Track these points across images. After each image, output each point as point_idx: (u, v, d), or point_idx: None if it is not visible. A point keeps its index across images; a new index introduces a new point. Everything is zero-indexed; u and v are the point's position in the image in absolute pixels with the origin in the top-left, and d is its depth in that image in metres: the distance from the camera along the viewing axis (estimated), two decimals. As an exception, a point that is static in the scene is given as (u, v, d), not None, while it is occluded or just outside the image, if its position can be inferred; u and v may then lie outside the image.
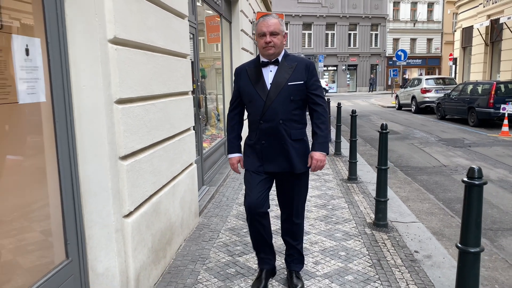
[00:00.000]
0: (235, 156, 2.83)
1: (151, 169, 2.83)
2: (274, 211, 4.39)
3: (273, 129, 2.60)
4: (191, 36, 4.78)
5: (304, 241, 3.63)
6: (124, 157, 2.43)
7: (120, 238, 2.41)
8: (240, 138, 2.87)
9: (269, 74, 2.64)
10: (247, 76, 2.69)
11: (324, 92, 20.93)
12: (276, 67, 2.63)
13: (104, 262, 2.37)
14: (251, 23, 9.49)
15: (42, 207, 2.20)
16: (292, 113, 2.60)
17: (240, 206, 4.74)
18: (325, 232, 3.89)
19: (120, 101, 2.37)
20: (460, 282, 2.11)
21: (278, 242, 3.54)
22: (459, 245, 2.09)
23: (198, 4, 5.41)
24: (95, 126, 2.24)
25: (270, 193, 2.78)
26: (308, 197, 5.02)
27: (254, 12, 9.88)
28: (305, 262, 3.23)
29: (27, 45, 1.90)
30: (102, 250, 2.36)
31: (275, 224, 3.88)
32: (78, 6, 2.16)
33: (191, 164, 3.94)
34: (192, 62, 4.42)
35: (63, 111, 2.15)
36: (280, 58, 2.65)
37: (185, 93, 3.73)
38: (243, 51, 7.99)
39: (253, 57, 9.85)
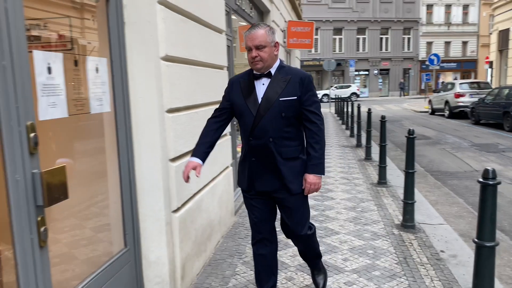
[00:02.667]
0: (193, 160, 2.44)
1: (195, 170, 3.16)
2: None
3: (263, 147, 2.42)
4: (227, 47, 5.12)
5: (333, 240, 3.88)
6: (173, 159, 2.76)
7: (169, 231, 2.74)
8: (210, 147, 2.53)
9: (261, 87, 2.44)
10: (240, 88, 2.49)
11: (355, 97, 20.85)
12: (269, 80, 2.43)
13: (156, 251, 2.71)
14: (282, 31, 9.79)
15: (104, 202, 2.56)
16: (283, 130, 2.40)
17: (273, 207, 5.01)
18: (354, 232, 4.10)
19: (170, 111, 2.71)
20: (477, 274, 2.31)
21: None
22: (476, 240, 2.29)
23: (233, 17, 5.75)
24: (149, 132, 2.58)
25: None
26: (338, 200, 5.24)
27: (285, 21, 10.18)
28: (334, 259, 3.47)
29: (97, 64, 2.27)
30: (154, 241, 2.70)
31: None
32: (136, 29, 2.52)
33: (227, 167, 4.26)
34: (228, 72, 4.76)
35: (123, 119, 2.50)
36: (273, 71, 2.44)
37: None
38: (274, 59, 8.28)
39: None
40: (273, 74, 2.43)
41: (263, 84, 2.44)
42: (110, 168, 2.54)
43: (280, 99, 2.38)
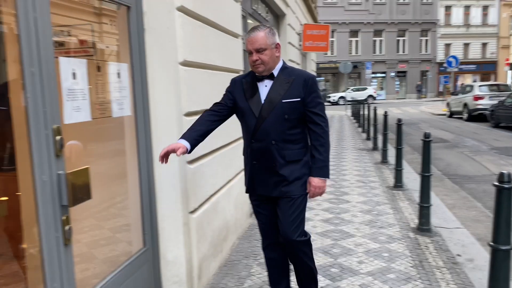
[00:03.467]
0: (179, 141, 2.28)
1: (211, 172, 3.22)
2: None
3: (264, 150, 2.37)
4: (243, 51, 5.19)
5: (348, 243, 3.89)
6: (191, 161, 2.83)
7: (187, 231, 2.80)
8: (202, 137, 2.40)
9: (264, 89, 2.40)
10: (242, 89, 2.45)
11: (372, 100, 20.65)
12: (272, 81, 2.39)
13: (173, 251, 2.78)
14: (298, 35, 9.83)
15: (125, 202, 2.64)
16: (286, 133, 2.36)
17: (288, 209, 5.04)
18: (369, 235, 4.11)
19: (188, 114, 2.78)
20: (493, 277, 2.31)
21: (324, 242, 3.78)
22: (491, 243, 2.29)
23: (249, 21, 5.82)
24: (168, 134, 2.66)
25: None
26: (353, 202, 5.25)
27: (301, 24, 10.22)
28: (350, 261, 3.49)
29: (118, 70, 2.36)
30: (172, 241, 2.77)
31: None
32: (155, 35, 2.60)
33: (243, 169, 4.31)
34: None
35: (143, 122, 2.58)
36: (276, 72, 2.40)
37: (239, 105, 4.12)
38: (290, 63, 8.33)
39: (300, 68, 10.18)
40: (275, 75, 2.40)
41: (266, 86, 2.40)
42: (130, 170, 2.62)
43: (283, 101, 2.34)
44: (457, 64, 23.67)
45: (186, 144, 2.27)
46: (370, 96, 31.89)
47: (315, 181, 2.41)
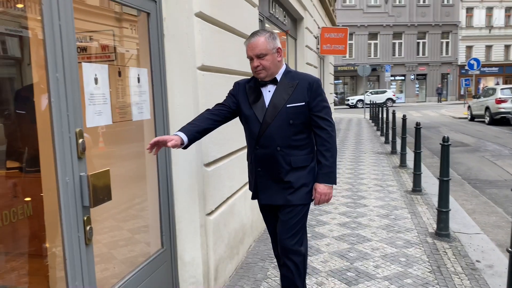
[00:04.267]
0: (177, 133, 2.19)
1: (228, 175, 3.26)
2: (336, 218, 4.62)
3: (270, 157, 2.31)
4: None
5: (365, 247, 3.88)
6: (208, 164, 2.88)
7: (203, 233, 2.85)
8: (199, 134, 2.30)
9: (267, 94, 2.35)
10: (245, 93, 2.40)
11: (391, 103, 20.32)
12: (275, 86, 2.34)
13: (190, 252, 2.82)
14: (316, 38, 9.83)
15: (143, 204, 2.70)
16: (292, 138, 2.30)
17: (304, 213, 5.04)
18: (386, 240, 4.08)
19: (205, 117, 2.83)
20: (511, 283, 2.28)
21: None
22: (510, 249, 2.26)
23: (267, 25, 5.86)
24: (186, 138, 2.71)
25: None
26: (371, 207, 5.22)
27: (318, 27, 10.21)
28: (366, 266, 3.47)
29: (138, 74, 2.42)
30: (189, 242, 2.81)
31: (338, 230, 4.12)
32: (174, 41, 2.66)
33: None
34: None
35: (162, 125, 2.64)
36: (279, 77, 2.35)
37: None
38: (307, 66, 8.34)
39: (317, 71, 10.17)
40: (279, 80, 2.34)
41: (269, 91, 2.34)
42: (149, 172, 2.68)
43: (288, 105, 2.27)
44: (479, 66, 23.24)
45: (183, 136, 2.18)
46: (390, 99, 31.53)
47: (320, 187, 2.35)
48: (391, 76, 32.60)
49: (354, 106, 31.93)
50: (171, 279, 2.78)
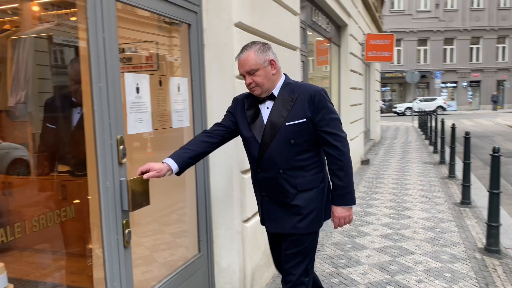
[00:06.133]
0: (166, 160, 2.01)
1: (266, 183, 3.28)
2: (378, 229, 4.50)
3: (273, 181, 2.07)
4: (301, 63, 5.23)
5: (407, 260, 3.74)
6: (245, 171, 2.90)
7: (240, 240, 2.87)
8: (192, 159, 2.11)
9: (265, 111, 2.10)
10: (244, 111, 2.16)
11: (442, 111, 19.50)
12: (273, 102, 2.08)
13: (227, 258, 2.85)
14: (360, 45, 9.67)
15: (182, 210, 2.77)
16: (295, 159, 2.04)
17: (345, 223, 4.95)
18: (430, 254, 3.92)
19: (243, 125, 2.87)
20: None
21: (381, 258, 3.68)
22: None
23: (309, 33, 5.85)
24: (224, 145, 2.75)
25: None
26: (415, 218, 5.03)
27: (364, 34, 10.05)
28: (407, 280, 3.35)
29: (179, 84, 2.50)
30: (225, 248, 2.85)
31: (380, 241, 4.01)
32: (214, 51, 2.73)
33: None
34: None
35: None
36: (277, 91, 2.09)
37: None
38: (351, 73, 8.23)
39: (362, 78, 10.00)
40: (276, 95, 2.08)
41: (268, 108, 2.09)
42: (187, 178, 2.75)
43: (287, 124, 2.01)
44: (539, 72, 21.83)
45: (172, 164, 2.01)
46: (440, 107, 30.36)
47: (338, 211, 2.12)
48: (442, 83, 31.38)
49: (402, 114, 31.01)
50: (207, 284, 2.82)
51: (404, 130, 18.67)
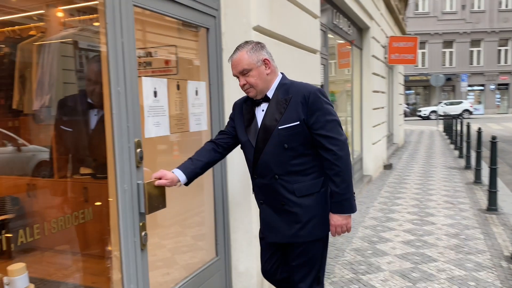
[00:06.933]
0: (174, 171, 2.01)
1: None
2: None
3: (269, 187, 1.99)
4: (322, 66, 5.19)
5: (430, 268, 3.65)
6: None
7: (258, 244, 2.85)
8: (200, 169, 2.08)
9: (260, 114, 2.03)
10: (242, 114, 2.11)
11: (468, 114, 19.05)
12: (267, 104, 2.01)
13: (244, 262, 2.84)
14: (383, 47, 9.54)
15: (200, 213, 2.78)
16: (290, 163, 1.94)
17: (365, 229, 4.87)
18: (454, 261, 3.81)
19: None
20: None
21: None
22: None
23: (330, 35, 5.81)
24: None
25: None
26: (439, 225, 4.91)
27: (386, 37, 9.91)
28: (430, 288, 3.27)
29: (196, 87, 2.52)
30: (243, 252, 2.84)
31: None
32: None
33: (319, 185, 4.28)
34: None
35: (218, 137, 2.72)
36: (271, 92, 2.01)
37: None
38: (373, 76, 8.12)
39: (384, 81, 9.85)
40: (271, 96, 2.00)
41: (263, 110, 2.02)
42: (205, 182, 2.76)
43: (280, 127, 1.93)
44: None
45: (180, 175, 2.00)
46: (466, 110, 29.63)
47: (334, 218, 1.99)
48: (468, 86, 30.63)
49: (426, 118, 30.41)
50: (225, 288, 2.82)
51: (429, 134, 18.30)
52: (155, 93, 2.12)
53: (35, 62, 2.91)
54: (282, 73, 2.10)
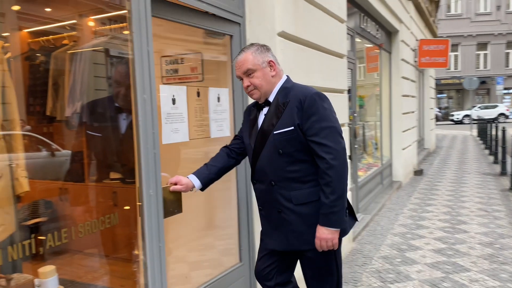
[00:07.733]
0: (189, 177, 2.03)
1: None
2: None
3: (266, 193, 1.96)
4: (349, 71, 5.13)
5: (462, 278, 3.53)
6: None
7: (282, 250, 2.84)
8: (216, 175, 2.09)
9: (261, 118, 2.00)
10: (249, 117, 2.09)
11: (504, 118, 18.33)
12: (268, 108, 1.98)
13: (269, 269, 2.83)
14: (413, 51, 9.35)
15: (223, 217, 2.80)
16: (286, 170, 1.88)
17: (394, 236, 4.76)
18: (488, 271, 3.67)
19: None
20: None
21: None
22: None
23: (357, 40, 5.75)
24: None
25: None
26: (472, 233, 4.74)
27: (416, 40, 9.71)
28: (461, 298, 3.16)
29: (218, 94, 2.54)
30: (267, 259, 2.82)
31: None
32: (256, 60, 2.74)
33: (346, 191, 4.22)
34: (349, 95, 4.77)
35: (242, 142, 2.73)
36: (272, 96, 1.97)
37: (341, 125, 4.08)
38: (403, 80, 7.96)
39: (415, 85, 9.64)
40: (271, 100, 1.96)
41: (265, 114, 1.98)
42: (229, 187, 2.77)
43: (275, 132, 1.88)
44: None
45: (194, 180, 2.01)
46: (502, 114, 28.57)
47: (319, 231, 1.86)
48: (504, 89, 29.54)
49: (459, 122, 29.52)
50: (249, 294, 2.82)
51: (462, 139, 17.75)
52: (173, 100, 2.15)
53: (67, 69, 3.02)
54: (287, 76, 2.06)
